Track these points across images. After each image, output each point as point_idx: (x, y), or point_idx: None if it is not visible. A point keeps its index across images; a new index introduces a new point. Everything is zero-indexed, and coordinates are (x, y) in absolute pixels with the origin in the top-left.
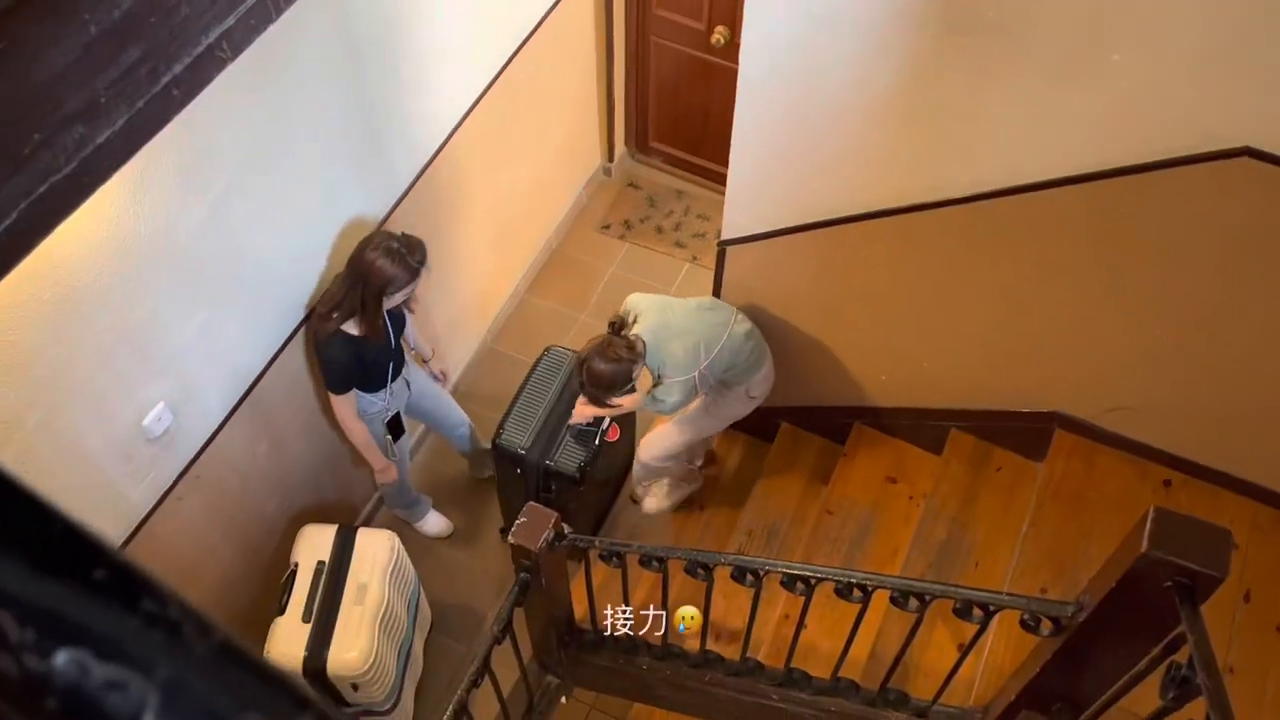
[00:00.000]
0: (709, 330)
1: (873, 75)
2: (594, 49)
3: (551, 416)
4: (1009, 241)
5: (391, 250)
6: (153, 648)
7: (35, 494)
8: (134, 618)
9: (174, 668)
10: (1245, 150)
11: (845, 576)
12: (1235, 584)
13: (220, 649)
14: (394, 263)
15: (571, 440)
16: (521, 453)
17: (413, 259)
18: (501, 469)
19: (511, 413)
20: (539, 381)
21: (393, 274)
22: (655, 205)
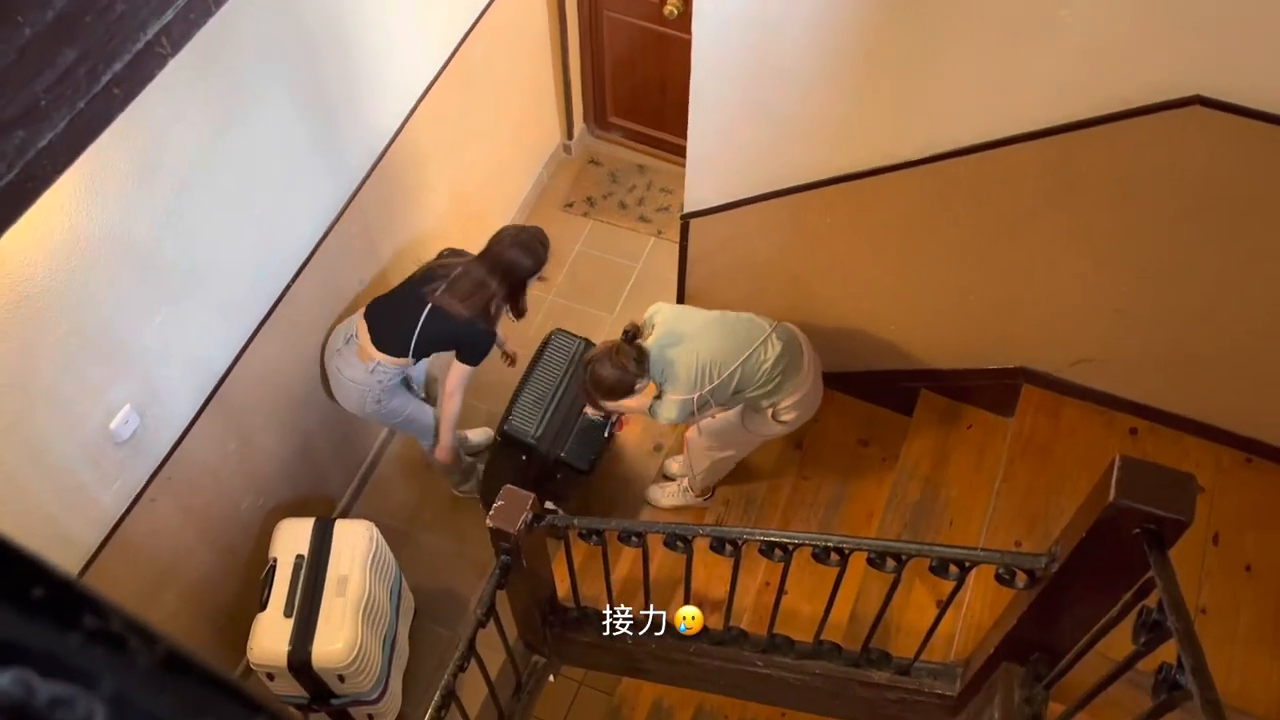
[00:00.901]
0: (725, 349)
1: (827, 40)
2: (547, 26)
3: (559, 403)
4: (969, 201)
5: (523, 242)
6: (97, 662)
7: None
8: (76, 634)
9: (120, 681)
10: (1195, 99)
11: (822, 541)
12: (1203, 527)
13: (167, 659)
14: (530, 254)
15: (582, 430)
16: (532, 442)
17: (545, 249)
18: (503, 455)
19: (519, 399)
20: (546, 367)
21: (533, 263)
22: (617, 181)
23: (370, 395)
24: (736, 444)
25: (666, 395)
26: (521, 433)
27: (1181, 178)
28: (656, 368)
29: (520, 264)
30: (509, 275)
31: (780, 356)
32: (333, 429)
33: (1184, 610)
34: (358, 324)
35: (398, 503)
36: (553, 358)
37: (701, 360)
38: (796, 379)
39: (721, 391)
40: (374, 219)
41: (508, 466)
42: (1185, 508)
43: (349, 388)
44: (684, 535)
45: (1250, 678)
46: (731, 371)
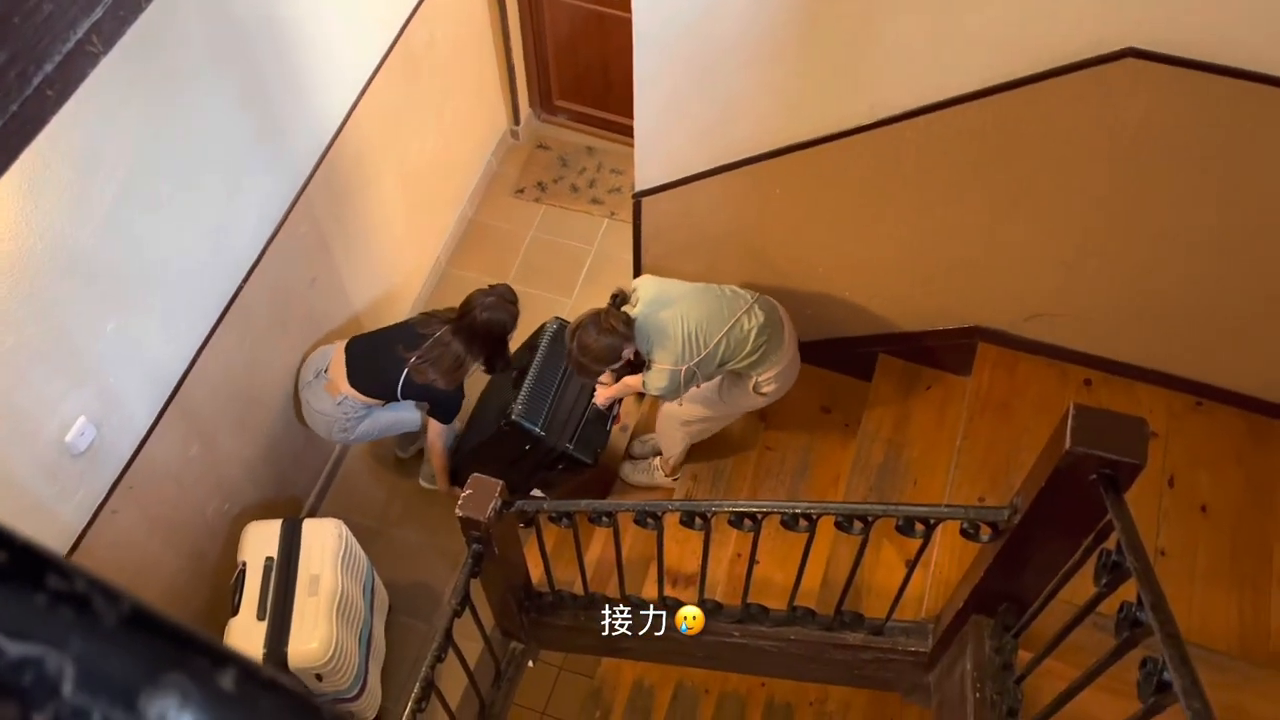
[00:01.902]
0: (710, 318)
1: (767, 10)
2: (487, 11)
3: (563, 393)
4: (917, 164)
5: (491, 304)
6: (63, 623)
7: None
8: (41, 595)
9: (86, 639)
10: (1129, 51)
11: (789, 508)
12: (1158, 471)
13: (132, 616)
14: (501, 311)
15: (588, 422)
16: (540, 434)
17: (515, 304)
18: (502, 443)
19: (522, 390)
20: (548, 357)
21: (505, 319)
22: (567, 164)
23: (337, 425)
24: (714, 418)
25: (655, 364)
26: (529, 424)
27: (1119, 130)
28: (643, 335)
29: (496, 322)
30: (488, 338)
31: (763, 327)
32: (296, 429)
33: (1141, 550)
34: (333, 358)
35: (366, 499)
36: (554, 348)
37: (689, 327)
38: (779, 350)
39: (708, 363)
40: (323, 214)
41: (505, 454)
42: (1138, 451)
43: (317, 418)
44: (654, 512)
45: (1210, 615)
46: (718, 341)
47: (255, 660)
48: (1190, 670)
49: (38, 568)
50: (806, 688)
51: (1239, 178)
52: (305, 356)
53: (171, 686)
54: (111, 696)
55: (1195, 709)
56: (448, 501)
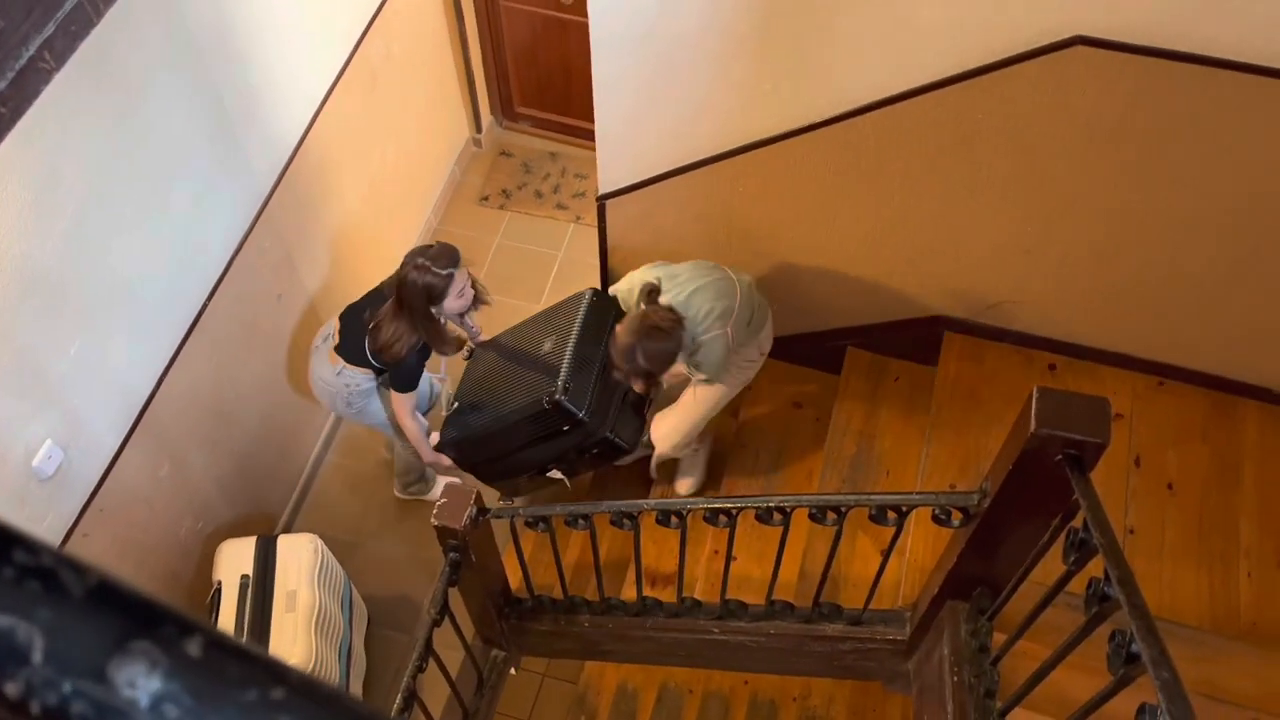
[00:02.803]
0: (718, 283)
1: (723, 10)
2: (444, 20)
3: (603, 373)
4: (876, 158)
5: (419, 265)
6: (31, 595)
7: None
8: (9, 569)
9: (55, 611)
10: (1077, 39)
11: (763, 502)
12: (1124, 452)
13: (98, 588)
14: (424, 275)
15: (631, 406)
16: (584, 419)
17: (438, 265)
18: (538, 423)
19: (563, 366)
20: (585, 331)
21: (426, 284)
22: (531, 171)
23: (340, 397)
24: (726, 396)
25: (703, 340)
26: (574, 406)
27: (1071, 117)
28: (688, 315)
29: (415, 288)
30: (409, 305)
31: (750, 288)
32: (268, 445)
33: (1107, 526)
34: (334, 325)
35: (341, 513)
36: (592, 321)
37: (712, 295)
38: (766, 312)
39: (740, 321)
40: (286, 228)
41: (536, 431)
42: (1101, 430)
43: (320, 386)
44: (629, 512)
45: (1180, 591)
46: (739, 298)
47: (220, 630)
48: (1158, 641)
49: (4, 544)
50: (789, 683)
51: (1190, 160)
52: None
53: (139, 654)
54: (81, 665)
55: (1164, 678)
56: (424, 512)
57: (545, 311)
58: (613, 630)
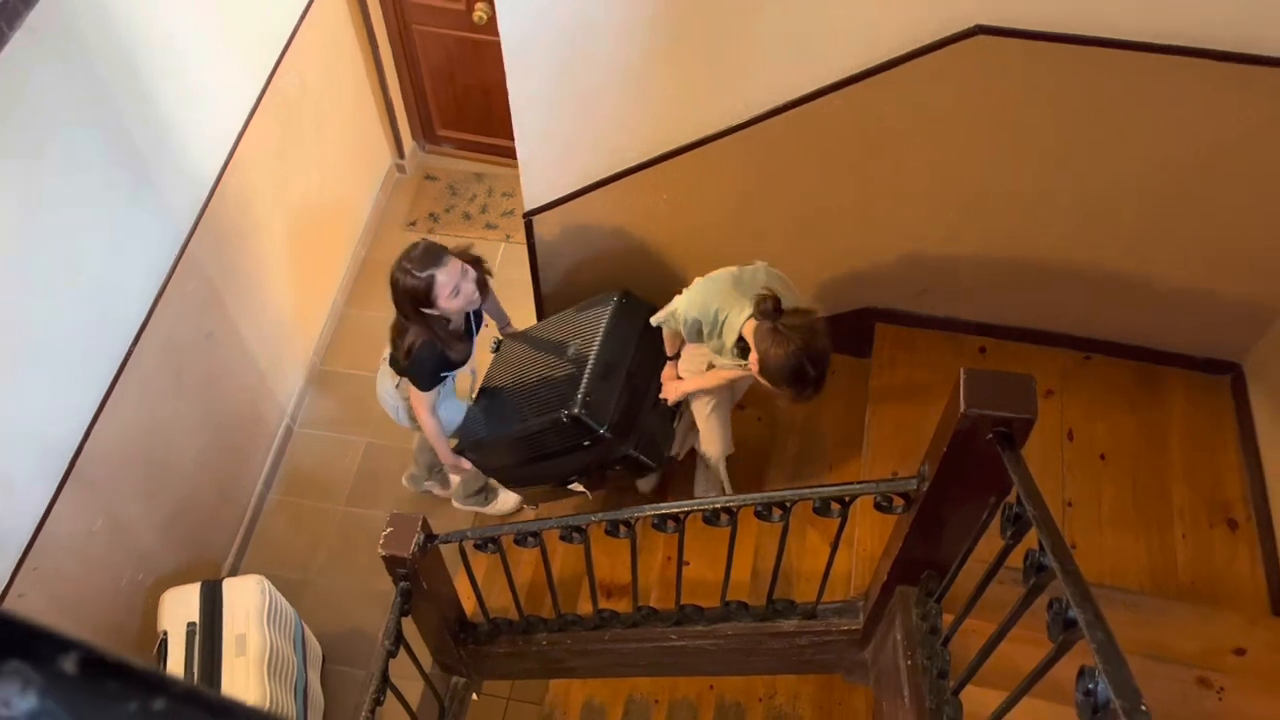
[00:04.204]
0: (756, 276)
1: (634, 22)
2: (357, 48)
3: (632, 384)
4: (793, 156)
5: (402, 269)
6: None
7: None
8: None
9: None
10: (978, 29)
11: (709, 504)
12: (1057, 427)
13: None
14: (406, 278)
15: (659, 418)
16: (605, 435)
17: (417, 268)
18: (557, 435)
19: (588, 377)
20: (612, 337)
21: (408, 288)
22: (457, 193)
23: (402, 410)
24: (737, 393)
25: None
26: (594, 422)
27: (978, 105)
28: (707, 314)
29: (401, 291)
30: (401, 310)
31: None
32: (207, 488)
33: (1038, 498)
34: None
35: (288, 551)
36: (620, 326)
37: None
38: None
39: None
40: (211, 267)
41: (555, 445)
42: (1028, 406)
43: (380, 394)
44: (578, 525)
45: (1120, 557)
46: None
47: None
48: (1092, 605)
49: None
50: (754, 684)
51: (1095, 138)
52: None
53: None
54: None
55: (1099, 640)
56: (372, 543)
57: (572, 311)
58: (572, 646)
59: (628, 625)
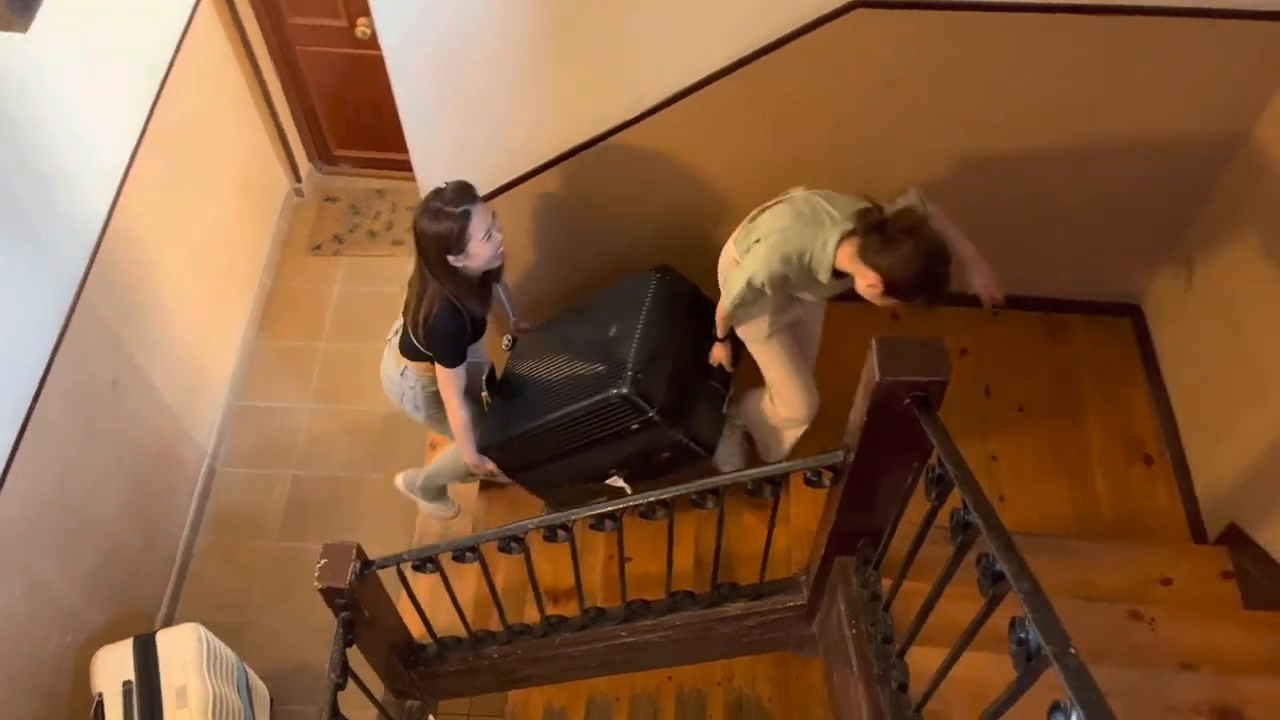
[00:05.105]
0: (805, 202)
1: (516, 24)
2: (240, 75)
3: (680, 364)
4: (692, 145)
5: (431, 211)
6: None
7: None
8: None
9: None
10: (857, 3)
11: (643, 499)
12: (974, 383)
13: None
14: (438, 219)
15: (707, 402)
16: (654, 416)
17: (452, 204)
18: (601, 419)
19: (634, 357)
20: (656, 316)
21: (442, 229)
22: (360, 212)
23: (407, 398)
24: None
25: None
26: (645, 401)
27: (865, 78)
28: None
29: (427, 236)
30: (425, 258)
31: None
32: (130, 538)
33: (957, 457)
34: (400, 320)
35: (223, 594)
36: (662, 305)
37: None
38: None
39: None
40: (109, 312)
41: (597, 431)
42: (941, 368)
43: (387, 385)
44: (515, 535)
45: (1047, 504)
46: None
47: None
48: (1016, 556)
49: None
50: (712, 670)
51: (979, 99)
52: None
53: None
54: None
55: (1025, 590)
56: (308, 577)
57: (600, 294)
58: (524, 656)
59: (577, 629)
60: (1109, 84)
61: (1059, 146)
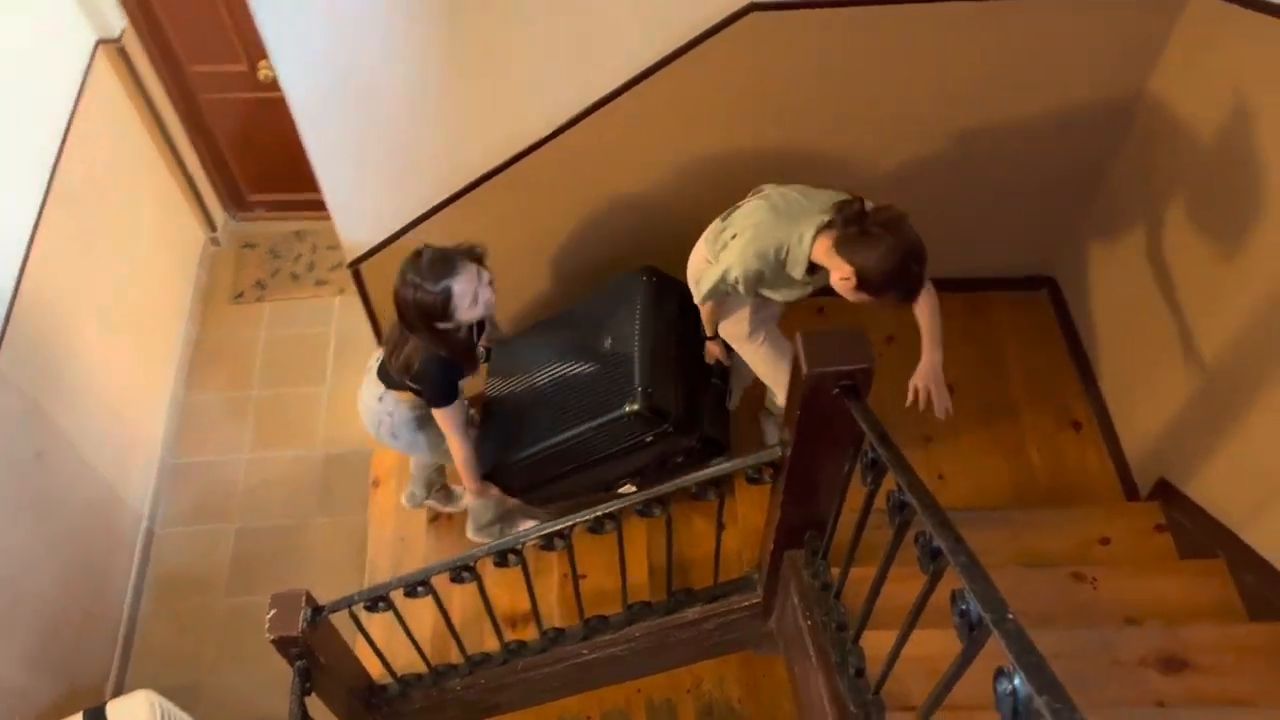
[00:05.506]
0: (781, 198)
1: (413, 57)
2: (143, 127)
3: (683, 367)
4: (602, 160)
5: (409, 284)
6: None
7: None
8: None
9: None
10: (751, 7)
11: (590, 514)
12: (905, 368)
13: None
14: (418, 293)
15: (712, 400)
16: (669, 430)
17: (429, 281)
18: (611, 437)
19: (639, 367)
20: (652, 323)
21: (420, 304)
22: (280, 255)
23: (384, 425)
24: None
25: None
26: (658, 413)
27: (767, 79)
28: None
29: (410, 307)
30: (410, 325)
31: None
32: (70, 610)
33: (888, 441)
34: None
35: (174, 656)
36: (656, 308)
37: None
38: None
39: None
40: (26, 381)
41: (606, 448)
42: (865, 356)
43: (362, 410)
44: (466, 564)
45: (985, 479)
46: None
47: None
48: (951, 530)
49: None
50: (679, 678)
51: (879, 91)
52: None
53: None
54: None
55: (962, 563)
56: (261, 631)
57: (585, 301)
58: (488, 685)
59: (537, 652)
60: (1000, 65)
61: (962, 130)
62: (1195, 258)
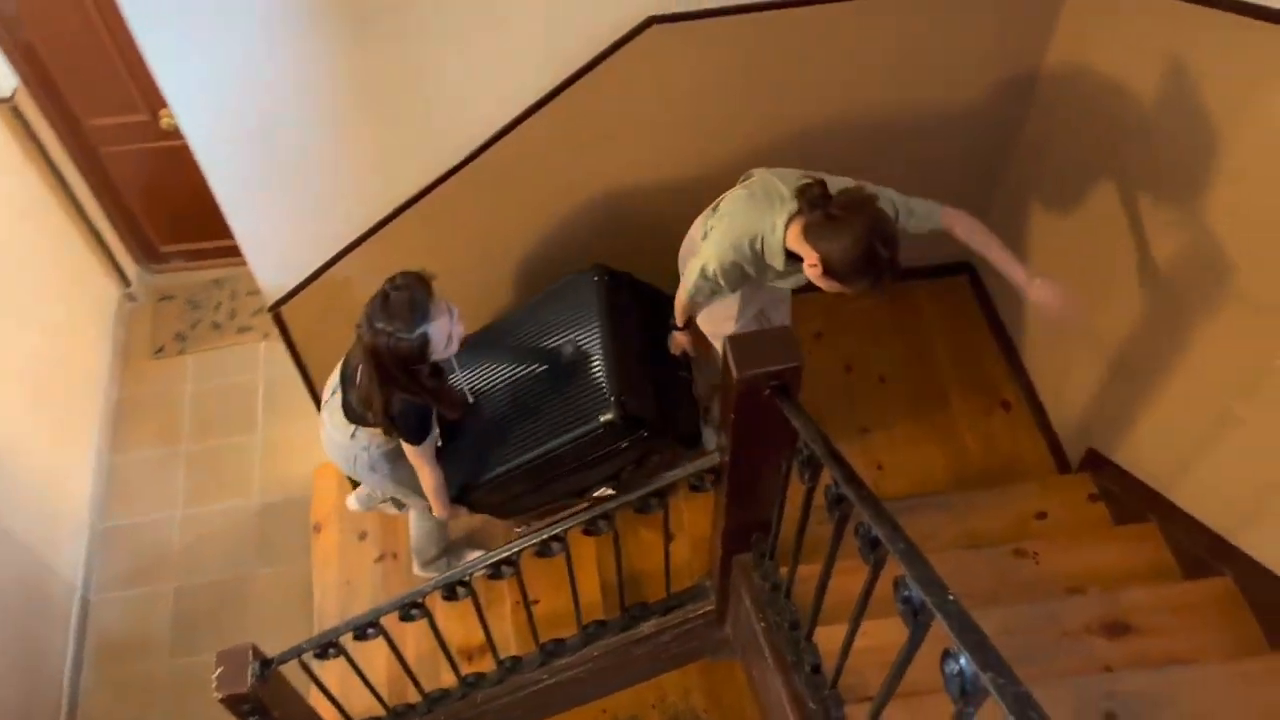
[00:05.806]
0: (760, 182)
1: (317, 93)
2: (43, 186)
3: (648, 364)
4: (519, 179)
5: (381, 333)
6: None
7: None
8: None
9: None
10: (650, 20)
11: (537, 537)
12: (836, 362)
13: None
14: (393, 341)
15: (682, 394)
16: (645, 434)
17: (404, 329)
18: (589, 448)
19: (607, 375)
20: (612, 323)
21: (400, 352)
22: (199, 305)
23: (360, 461)
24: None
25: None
26: (633, 420)
27: (671, 89)
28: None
29: (381, 355)
30: (382, 374)
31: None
32: (6, 691)
33: (820, 437)
34: (335, 380)
35: None
36: (614, 308)
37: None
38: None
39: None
40: None
41: (581, 459)
42: (793, 355)
43: (331, 449)
44: (414, 601)
45: (922, 466)
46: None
47: None
48: (887, 519)
49: None
50: (643, 693)
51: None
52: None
53: None
54: None
55: (901, 550)
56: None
57: (535, 308)
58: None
59: (495, 683)
60: (898, 55)
61: (869, 122)
62: (1100, 233)
